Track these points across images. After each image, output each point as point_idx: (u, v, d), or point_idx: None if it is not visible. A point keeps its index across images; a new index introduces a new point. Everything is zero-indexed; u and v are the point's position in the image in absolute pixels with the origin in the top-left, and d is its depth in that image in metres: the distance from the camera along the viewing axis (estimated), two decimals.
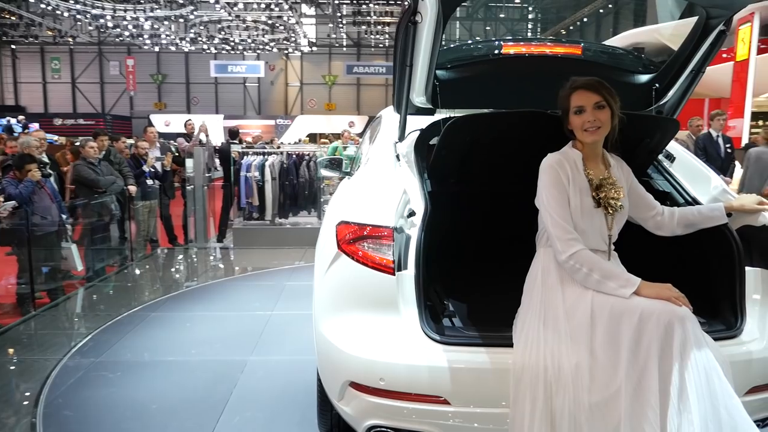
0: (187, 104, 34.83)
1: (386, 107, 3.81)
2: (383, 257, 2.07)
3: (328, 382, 2.23)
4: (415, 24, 2.06)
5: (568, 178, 2.07)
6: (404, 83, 2.34)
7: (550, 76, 2.63)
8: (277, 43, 29.12)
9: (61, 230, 5.83)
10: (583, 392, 1.81)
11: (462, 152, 2.64)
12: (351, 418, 2.12)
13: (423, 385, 1.95)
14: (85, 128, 28.10)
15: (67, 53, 33.84)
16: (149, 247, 7.89)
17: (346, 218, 2.21)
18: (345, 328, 2.13)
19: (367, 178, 2.61)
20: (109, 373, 3.71)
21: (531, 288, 2.10)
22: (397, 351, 2.01)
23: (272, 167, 8.18)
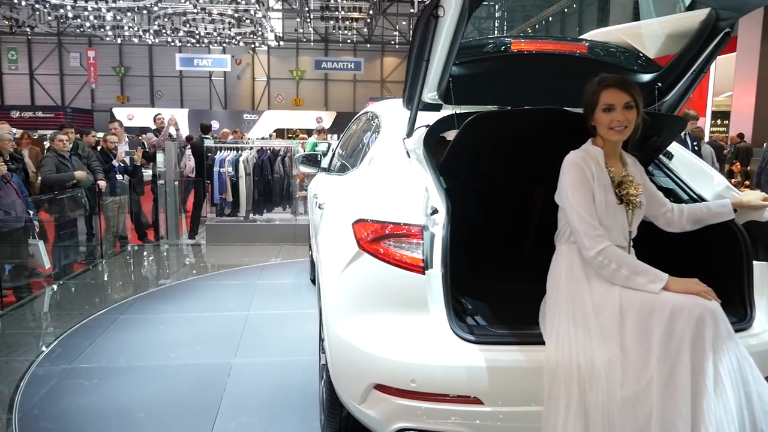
0: (151, 98, 34.09)
1: (370, 103, 3.80)
2: (412, 256, 2.02)
3: (347, 385, 2.17)
4: (437, 18, 2.02)
5: (592, 175, 2.09)
6: (419, 78, 2.30)
7: (556, 74, 2.67)
8: (244, 37, 28.70)
9: (28, 226, 5.64)
10: (616, 387, 1.83)
11: (476, 148, 2.63)
12: (375, 421, 2.06)
13: (456, 385, 1.93)
14: (44, 121, 27.26)
15: (24, 44, 32.72)
16: (118, 245, 7.69)
17: (366, 216, 2.16)
18: (369, 329, 2.07)
19: (381, 175, 2.54)
20: (84, 381, 3.51)
21: (556, 285, 2.10)
22: (428, 352, 1.97)
23: (246, 163, 8.06)
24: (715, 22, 2.36)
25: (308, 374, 3.54)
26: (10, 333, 4.58)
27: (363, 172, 2.77)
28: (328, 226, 2.69)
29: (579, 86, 2.44)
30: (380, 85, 35.96)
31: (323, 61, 32.81)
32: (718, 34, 2.40)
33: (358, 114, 4.45)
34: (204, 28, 26.52)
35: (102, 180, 6.94)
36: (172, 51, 31.19)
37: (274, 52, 34.74)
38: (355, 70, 32.77)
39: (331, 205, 2.92)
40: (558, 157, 2.20)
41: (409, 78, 2.36)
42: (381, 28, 34.69)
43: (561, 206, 2.16)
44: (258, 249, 7.62)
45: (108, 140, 7.50)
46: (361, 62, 32.51)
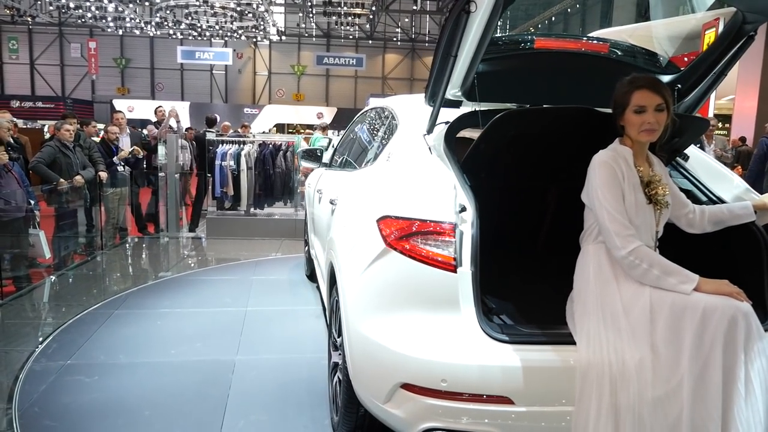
0: (152, 90, 34.02)
1: (370, 98, 3.76)
2: (444, 254, 2.00)
3: (371, 384, 2.15)
4: (468, 13, 1.99)
5: (622, 175, 2.08)
6: (445, 74, 2.26)
7: (578, 73, 2.67)
8: (246, 31, 28.63)
9: (29, 216, 5.62)
10: (646, 387, 1.83)
11: (500, 146, 2.60)
12: (400, 420, 2.03)
13: (488, 385, 1.91)
14: (44, 111, 27.19)
15: (25, 33, 32.61)
16: (118, 236, 7.67)
17: (392, 213, 2.13)
18: (397, 328, 2.04)
19: (404, 171, 2.49)
20: (84, 377, 3.41)
21: (584, 285, 2.09)
22: (460, 351, 1.94)
23: (248, 156, 8.04)
24: (741, 25, 2.34)
25: (314, 372, 3.51)
26: (10, 323, 4.56)
27: (381, 168, 2.72)
28: (346, 222, 2.65)
29: (600, 86, 2.42)
30: (381, 82, 35.91)
31: (325, 56, 32.73)
32: (743, 38, 2.38)
33: (364, 109, 4.41)
34: (206, 21, 26.44)
35: (103, 171, 6.90)
36: (174, 43, 31.12)
37: (275, 47, 34.68)
38: (356, 66, 32.69)
39: (348, 202, 2.88)
40: (581, 157, 2.18)
41: (434, 74, 2.33)
42: (383, 24, 34.62)
43: (589, 205, 2.16)
44: (258, 243, 7.60)
45: (109, 131, 7.47)
46: (363, 58, 32.43)
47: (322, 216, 3.78)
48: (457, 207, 2.06)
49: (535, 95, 2.71)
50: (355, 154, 3.90)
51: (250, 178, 8.04)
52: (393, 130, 2.95)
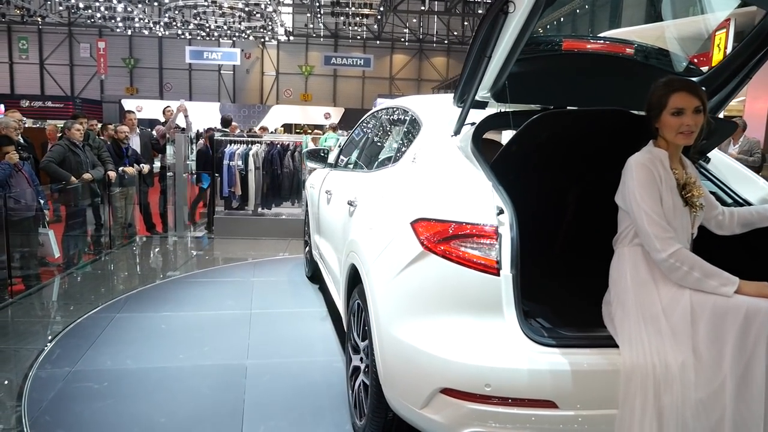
0: (160, 90, 34.16)
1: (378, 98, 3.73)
2: (486, 257, 1.97)
3: (406, 389, 2.11)
4: (506, 14, 1.98)
5: (659, 177, 2.09)
6: (477, 75, 2.24)
7: (602, 75, 2.66)
8: (254, 31, 28.71)
9: (38, 215, 5.64)
10: (689, 389, 1.84)
11: (531, 148, 2.58)
12: (440, 426, 2.01)
13: (533, 389, 1.90)
14: (54, 111, 27.36)
15: (35, 33, 32.83)
16: (126, 236, 7.69)
17: (429, 215, 2.11)
18: (437, 331, 2.02)
19: (436, 173, 2.44)
20: (93, 384, 3.31)
21: (622, 288, 2.09)
22: (505, 355, 1.92)
23: (256, 156, 8.05)
24: None
25: (328, 375, 3.48)
26: (20, 321, 4.58)
27: (407, 169, 2.67)
28: (372, 224, 2.60)
29: (625, 87, 2.44)
30: (389, 83, 35.92)
31: (332, 56, 32.78)
32: None
33: (373, 110, 4.36)
34: (214, 21, 26.52)
35: (112, 170, 6.93)
36: (182, 43, 31.25)
37: (283, 47, 34.74)
38: (364, 66, 32.73)
39: (371, 203, 2.82)
40: (611, 159, 2.18)
41: (466, 74, 2.31)
42: (391, 25, 34.61)
43: (624, 208, 2.15)
44: (265, 243, 7.60)
45: (119, 131, 7.49)
46: (371, 59, 32.45)
47: (334, 217, 3.73)
48: (496, 209, 2.04)
49: (561, 97, 2.70)
50: (368, 155, 3.86)
51: (258, 178, 8.05)
52: (415, 130, 2.91)
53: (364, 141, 4.12)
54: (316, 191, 4.86)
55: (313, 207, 5.05)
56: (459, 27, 35.65)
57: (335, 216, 3.69)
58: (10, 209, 5.18)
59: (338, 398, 3.17)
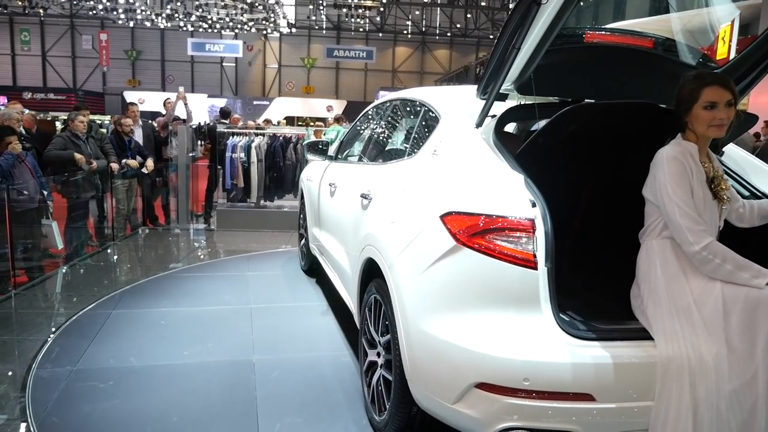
0: (162, 82, 34.16)
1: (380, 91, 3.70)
2: (524, 251, 1.96)
3: (437, 384, 2.10)
4: (539, 5, 1.96)
5: (691, 170, 2.10)
6: (505, 67, 2.22)
7: (623, 67, 2.67)
8: (256, 23, 28.64)
9: (42, 207, 5.65)
10: (723, 380, 1.87)
11: (558, 141, 2.57)
12: (474, 421, 2.00)
13: (571, 382, 1.89)
14: (56, 103, 27.37)
15: (37, 25, 32.82)
16: (129, 227, 7.71)
17: (461, 209, 2.09)
18: (472, 326, 2.00)
19: (465, 166, 2.39)
20: (99, 383, 3.21)
21: (652, 281, 2.11)
22: (543, 349, 1.92)
23: (258, 149, 8.05)
24: None
25: (337, 370, 3.46)
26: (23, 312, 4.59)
27: (428, 162, 2.63)
28: (393, 218, 2.56)
29: (645, 80, 2.46)
30: (392, 75, 35.86)
31: (335, 49, 32.74)
32: None
33: (378, 101, 4.28)
34: (216, 13, 26.47)
35: (115, 162, 6.93)
36: (184, 36, 31.22)
37: (285, 39, 34.69)
38: (366, 59, 32.67)
39: (390, 196, 2.77)
40: (635, 152, 2.18)
41: (492, 66, 2.29)
42: (394, 17, 34.53)
43: (653, 201, 2.16)
44: (268, 235, 7.61)
45: (123, 123, 7.48)
46: (373, 51, 32.39)
47: (342, 210, 3.68)
48: (530, 202, 2.03)
49: (582, 89, 2.70)
50: (377, 147, 3.81)
51: (260, 171, 8.04)
52: (431, 123, 2.87)
53: (371, 133, 4.05)
54: (315, 184, 4.80)
55: (311, 200, 4.98)
56: (462, 19, 35.53)
57: (343, 209, 3.64)
58: (14, 200, 5.19)
59: (352, 393, 3.14)
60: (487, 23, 35.46)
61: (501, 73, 2.26)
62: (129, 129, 7.47)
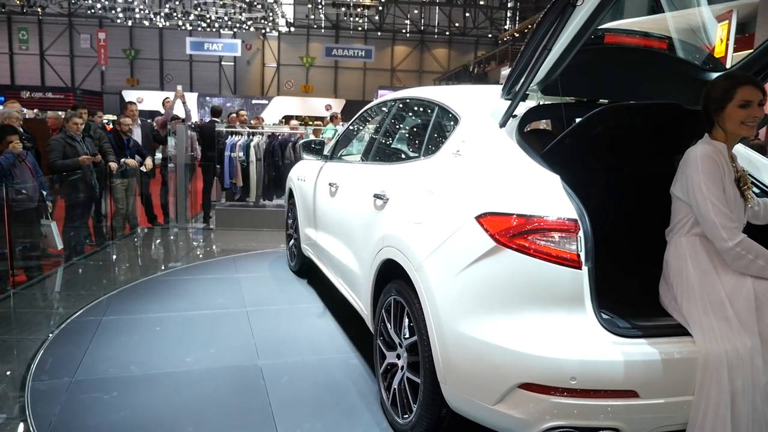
0: (161, 81, 34.12)
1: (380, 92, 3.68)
2: (568, 251, 1.97)
3: (476, 386, 2.10)
4: (574, 7, 1.97)
5: (723, 169, 2.16)
6: (535, 67, 2.23)
7: (639, 68, 2.72)
8: (255, 22, 28.65)
9: (41, 206, 5.66)
10: (758, 373, 1.93)
11: (584, 141, 2.58)
12: (517, 421, 2.00)
13: (618, 380, 1.92)
14: (54, 102, 27.32)
15: (35, 24, 32.76)
16: (128, 227, 7.71)
17: (499, 209, 2.09)
18: (516, 327, 2.01)
19: (495, 166, 2.37)
20: (102, 394, 3.06)
21: (684, 277, 2.16)
22: (589, 347, 1.94)
23: (257, 148, 8.05)
24: None
25: (349, 373, 3.40)
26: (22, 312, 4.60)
27: (452, 162, 2.61)
28: (419, 219, 2.53)
29: (660, 81, 2.53)
30: (390, 74, 35.85)
31: (334, 48, 32.74)
32: None
33: (381, 100, 4.17)
34: (215, 12, 26.47)
35: (113, 162, 6.93)
36: (183, 34, 31.20)
37: (284, 38, 34.67)
38: (365, 58, 32.68)
39: (412, 197, 2.72)
40: (658, 151, 2.23)
41: (521, 66, 2.30)
42: (392, 16, 34.53)
43: (685, 199, 2.21)
44: (266, 235, 7.61)
45: (122, 122, 7.48)
46: (372, 50, 32.40)
47: (349, 211, 3.60)
48: (571, 202, 2.04)
49: (603, 90, 2.74)
50: (386, 147, 3.76)
51: (259, 170, 8.05)
52: (449, 122, 2.87)
53: (376, 132, 3.95)
54: (309, 183, 4.71)
55: (304, 200, 4.88)
56: (460, 18, 35.53)
57: (350, 209, 3.58)
58: (13, 200, 5.19)
59: (368, 396, 3.10)
60: (486, 22, 35.47)
61: (531, 73, 2.27)
62: (128, 128, 7.47)
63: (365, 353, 3.62)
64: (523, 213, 2.04)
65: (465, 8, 35.18)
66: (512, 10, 35.78)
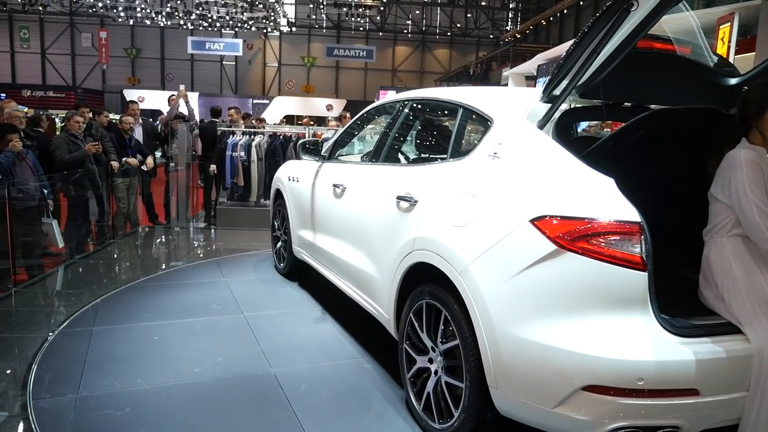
0: (162, 80, 34.12)
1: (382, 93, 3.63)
2: (632, 254, 2.00)
3: (535, 389, 2.11)
4: (629, 11, 1.99)
5: (765, 173, 2.25)
6: (582, 70, 2.24)
7: (667, 72, 2.77)
8: (256, 22, 28.65)
9: (42, 205, 5.65)
10: None
11: (625, 145, 2.59)
12: (581, 423, 2.02)
13: (682, 379, 1.97)
14: (55, 101, 27.33)
15: (36, 22, 32.76)
16: (129, 226, 7.71)
17: (560, 212, 2.09)
18: (581, 329, 2.02)
19: (546, 168, 2.35)
20: (114, 411, 2.88)
21: (729, 277, 2.25)
22: (655, 348, 1.98)
23: (258, 147, 8.05)
24: None
25: (368, 378, 3.34)
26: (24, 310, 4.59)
27: (489, 164, 2.57)
28: (460, 222, 2.49)
29: (684, 86, 2.62)
30: (391, 74, 35.84)
31: (335, 48, 32.74)
32: None
33: (389, 101, 4.04)
34: (216, 11, 26.47)
35: (115, 161, 6.93)
36: (184, 34, 31.19)
37: (285, 38, 34.68)
38: (366, 58, 32.68)
39: (449, 200, 2.66)
40: (693, 154, 2.32)
41: (566, 69, 2.31)
42: (394, 16, 34.53)
43: (727, 201, 2.28)
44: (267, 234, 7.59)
45: (124, 121, 7.48)
46: (373, 50, 32.40)
47: (363, 213, 3.52)
48: (632, 205, 2.07)
49: (638, 94, 2.78)
50: (402, 149, 3.70)
51: (260, 169, 8.04)
52: (479, 124, 2.85)
53: (386, 134, 3.78)
54: (305, 185, 4.61)
55: (298, 201, 4.77)
56: (462, 19, 35.53)
57: (366, 212, 3.48)
58: (14, 198, 5.19)
59: (394, 401, 3.05)
60: (488, 23, 35.46)
61: (576, 77, 2.28)
62: (129, 127, 7.46)
63: (378, 357, 3.58)
64: (584, 216, 2.05)
65: (467, 9, 35.18)
66: (514, 11, 35.77)
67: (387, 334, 3.24)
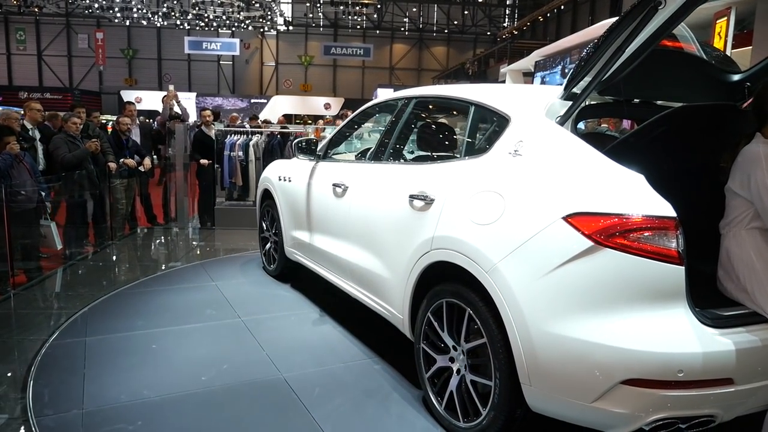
0: (159, 81, 34.06)
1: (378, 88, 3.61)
2: (669, 248, 2.03)
3: (571, 385, 2.13)
4: (656, 9, 2.00)
5: None
6: (606, 68, 2.25)
7: (678, 71, 2.82)
8: (253, 21, 28.62)
9: (40, 207, 5.64)
10: None
11: (645, 142, 2.60)
12: (620, 417, 2.05)
13: (718, 369, 2.02)
14: (52, 102, 27.23)
15: (32, 24, 32.70)
16: (127, 227, 7.70)
17: (594, 209, 2.10)
18: (621, 324, 2.04)
19: (574, 165, 2.34)
20: (126, 425, 2.76)
21: (751, 268, 2.30)
22: (693, 340, 2.02)
23: (256, 147, 8.05)
24: None
25: (380, 379, 3.29)
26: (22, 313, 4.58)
27: (511, 162, 2.55)
28: (485, 220, 2.47)
29: (692, 83, 2.69)
30: (389, 72, 35.82)
31: (332, 46, 32.72)
32: None
33: (390, 99, 3.97)
34: (213, 11, 26.44)
35: (112, 162, 6.92)
36: (181, 34, 31.15)
37: (283, 37, 34.63)
38: (364, 56, 32.66)
39: (470, 198, 2.62)
40: (707, 150, 2.38)
41: (589, 66, 2.31)
42: (391, 14, 34.49)
43: (746, 195, 2.33)
44: None
45: (121, 122, 7.47)
46: (371, 48, 32.37)
47: (371, 212, 3.45)
48: (666, 201, 2.09)
49: (647, 90, 2.81)
50: (409, 147, 3.67)
51: (258, 169, 8.04)
52: (496, 122, 2.82)
53: (389, 132, 3.67)
54: (299, 184, 4.53)
55: (292, 201, 4.68)
56: (459, 16, 35.50)
57: (374, 211, 3.40)
58: (12, 201, 5.17)
59: (412, 401, 3.02)
60: (485, 20, 35.44)
61: (600, 74, 2.29)
62: (126, 128, 7.45)
63: (386, 357, 3.55)
64: (620, 212, 2.07)
65: (463, 6, 35.14)
66: (511, 7, 35.73)
67: (391, 333, 3.20)
